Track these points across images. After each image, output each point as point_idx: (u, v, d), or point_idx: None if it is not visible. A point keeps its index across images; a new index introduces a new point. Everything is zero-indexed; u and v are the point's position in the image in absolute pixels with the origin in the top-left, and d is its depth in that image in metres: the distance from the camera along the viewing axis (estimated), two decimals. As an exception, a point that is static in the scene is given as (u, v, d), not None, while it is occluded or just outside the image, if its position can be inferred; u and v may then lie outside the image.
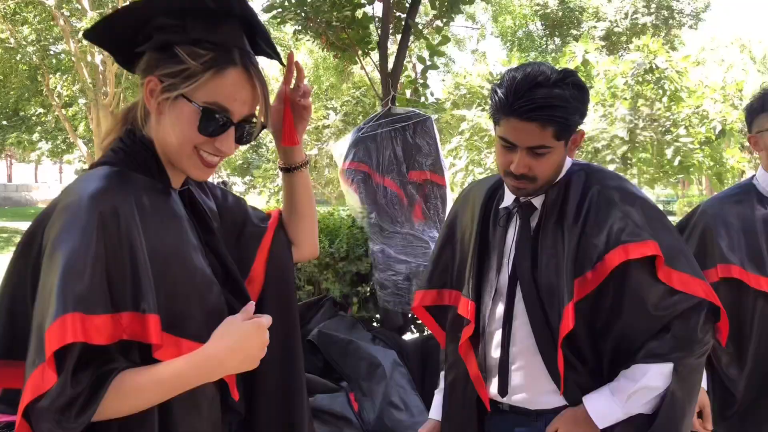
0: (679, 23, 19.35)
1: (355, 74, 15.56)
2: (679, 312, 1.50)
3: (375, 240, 3.85)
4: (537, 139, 1.50)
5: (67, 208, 1.05)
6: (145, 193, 1.13)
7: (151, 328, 1.05)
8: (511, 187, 1.60)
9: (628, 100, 9.76)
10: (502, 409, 1.67)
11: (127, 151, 1.17)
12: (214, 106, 1.14)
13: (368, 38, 4.47)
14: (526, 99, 1.46)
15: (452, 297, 1.79)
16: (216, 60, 1.14)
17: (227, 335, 1.12)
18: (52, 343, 0.95)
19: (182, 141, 1.15)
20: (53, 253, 1.01)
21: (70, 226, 1.02)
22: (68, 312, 0.96)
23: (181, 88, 1.13)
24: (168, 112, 1.15)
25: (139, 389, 1.04)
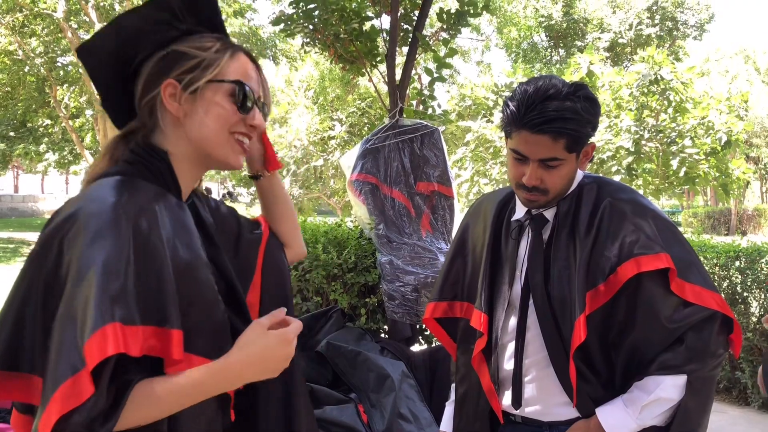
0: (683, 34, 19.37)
1: (361, 86, 15.62)
2: (692, 324, 1.51)
3: (383, 251, 3.86)
4: (549, 151, 1.51)
5: (93, 216, 1.02)
6: (164, 205, 1.13)
7: (175, 343, 1.03)
8: (522, 199, 1.61)
9: (633, 111, 9.77)
10: (515, 420, 1.67)
11: (142, 162, 1.16)
12: (241, 82, 1.18)
13: (376, 50, 4.50)
14: (537, 112, 1.48)
15: (463, 309, 1.80)
16: (225, 46, 1.19)
17: (250, 345, 1.12)
18: (94, 355, 0.92)
19: (220, 125, 1.18)
20: (85, 263, 0.98)
21: (101, 236, 1.00)
22: (109, 322, 0.95)
23: (207, 75, 1.16)
24: (197, 107, 1.16)
25: (158, 398, 1.03)
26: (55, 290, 1.00)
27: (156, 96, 1.17)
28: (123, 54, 1.18)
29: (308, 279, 3.97)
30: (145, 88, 1.18)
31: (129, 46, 1.18)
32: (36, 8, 16.26)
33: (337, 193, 16.07)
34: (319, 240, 4.07)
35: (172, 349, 1.03)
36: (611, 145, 9.61)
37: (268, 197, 1.49)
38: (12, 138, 20.78)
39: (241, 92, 1.18)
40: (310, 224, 4.51)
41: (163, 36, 1.18)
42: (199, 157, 1.20)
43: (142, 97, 1.18)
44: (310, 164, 15.17)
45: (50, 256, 1.03)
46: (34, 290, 1.03)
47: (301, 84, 17.46)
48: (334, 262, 3.93)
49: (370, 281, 3.89)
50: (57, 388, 0.93)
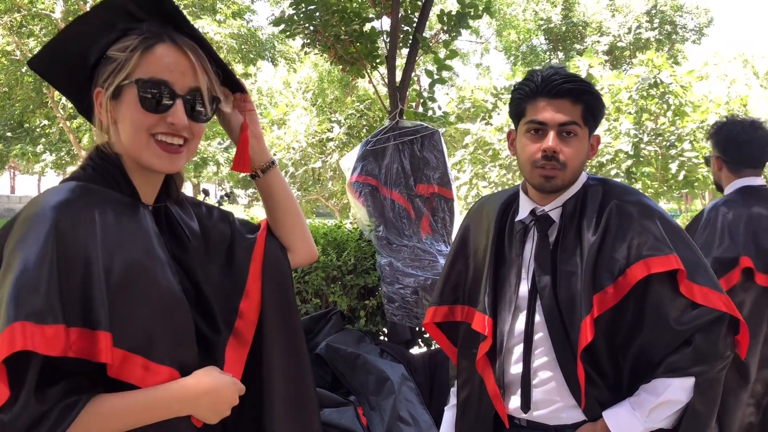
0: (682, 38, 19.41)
1: (360, 87, 15.62)
2: (700, 326, 1.50)
3: (382, 253, 3.85)
4: (568, 114, 1.54)
5: (27, 219, 1.04)
6: (111, 207, 1.11)
7: (101, 345, 1.01)
8: (538, 178, 1.59)
9: (633, 115, 9.77)
10: (520, 424, 1.66)
11: (95, 167, 1.16)
12: (149, 80, 1.13)
13: (376, 52, 4.49)
14: (554, 78, 1.54)
15: (464, 313, 1.77)
16: (142, 42, 1.15)
17: (208, 376, 1.14)
18: (2, 352, 0.92)
19: (135, 129, 1.14)
20: (9, 263, 1.00)
21: (28, 237, 1.01)
22: (18, 320, 0.94)
23: (119, 78, 1.13)
24: (119, 112, 1.15)
25: (111, 414, 1.03)
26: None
27: (92, 104, 1.17)
28: (73, 61, 1.18)
29: (307, 281, 3.95)
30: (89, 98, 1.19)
31: (76, 53, 1.17)
32: (34, 9, 16.24)
33: (336, 195, 16.06)
34: (318, 242, 4.05)
35: (99, 352, 1.01)
36: (610, 148, 9.61)
37: (266, 198, 1.43)
38: (9, 138, 20.74)
39: (142, 92, 1.13)
40: (309, 226, 4.48)
41: (107, 39, 1.16)
42: (133, 162, 1.18)
43: (91, 105, 1.18)
44: (308, 166, 15.16)
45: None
46: None
47: (300, 86, 17.47)
48: (333, 263, 3.91)
49: (370, 283, 3.87)
50: None
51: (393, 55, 4.27)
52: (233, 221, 1.40)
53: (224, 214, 1.40)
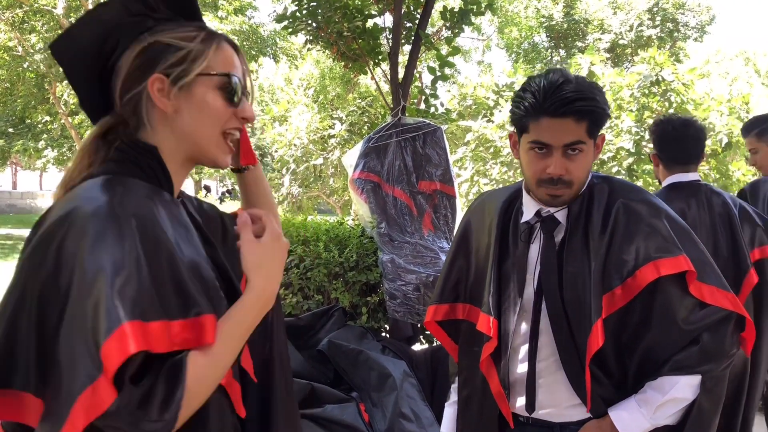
0: (684, 36, 19.39)
1: (361, 84, 15.59)
2: (708, 325, 1.50)
3: (384, 250, 3.85)
4: (573, 134, 1.50)
5: (91, 217, 0.96)
6: (159, 202, 1.08)
7: (208, 328, 1.01)
8: (545, 196, 1.57)
9: (634, 112, 9.74)
10: (524, 422, 1.66)
11: (131, 159, 1.11)
12: (229, 74, 1.14)
13: (378, 48, 4.49)
14: (557, 96, 1.47)
15: (465, 311, 1.77)
16: (209, 35, 1.14)
17: (262, 264, 1.13)
18: (114, 357, 0.88)
19: (213, 121, 1.14)
20: (92, 268, 0.93)
21: (104, 237, 0.95)
22: (126, 321, 0.90)
23: (196, 68, 1.11)
24: (187, 102, 1.12)
25: (215, 355, 1.02)
26: (53, 300, 0.94)
27: (142, 91, 1.11)
28: (99, 48, 1.12)
29: (309, 277, 3.96)
30: (127, 84, 1.12)
31: (104, 39, 1.12)
32: (36, 4, 16.22)
33: (337, 192, 16.05)
34: (320, 238, 4.06)
35: (206, 335, 1.01)
36: (612, 146, 9.59)
37: (252, 191, 1.44)
38: (11, 134, 20.74)
39: (232, 85, 1.14)
40: (312, 222, 4.50)
41: (140, 26, 1.12)
42: (188, 154, 1.16)
43: (123, 92, 1.12)
44: (309, 163, 15.14)
45: (46, 263, 0.96)
46: (28, 300, 0.96)
47: (301, 82, 17.43)
48: (335, 260, 3.92)
49: (372, 280, 3.88)
50: (74, 400, 0.88)
51: (395, 52, 4.27)
52: (220, 212, 1.40)
53: (211, 206, 1.39)
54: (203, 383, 1.00)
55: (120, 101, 1.12)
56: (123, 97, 1.12)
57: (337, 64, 4.61)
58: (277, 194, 15.52)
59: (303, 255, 4.00)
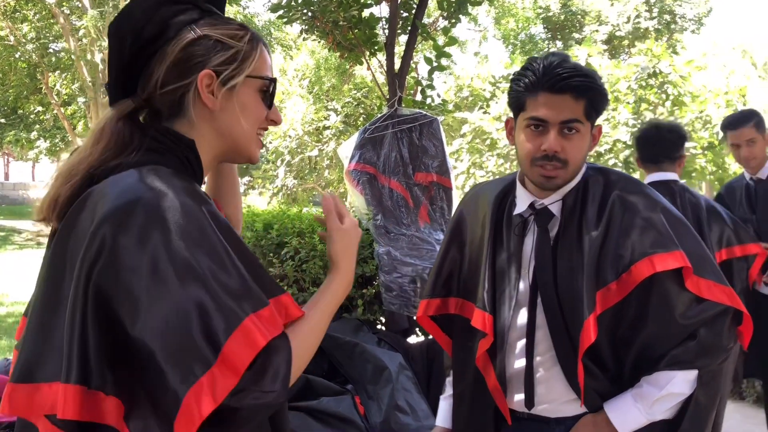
0: (681, 28, 19.37)
1: (357, 75, 15.53)
2: (705, 320, 1.48)
3: (380, 242, 3.82)
4: (570, 111, 1.47)
5: (161, 208, 0.94)
6: (203, 194, 1.08)
7: (290, 305, 1.06)
8: (538, 177, 1.53)
9: (631, 105, 9.75)
10: (521, 417, 1.63)
11: (171, 151, 1.09)
12: (269, 77, 1.17)
13: (375, 38, 4.45)
14: (557, 72, 1.46)
15: (458, 306, 1.73)
16: (253, 36, 1.16)
17: (347, 250, 1.20)
18: (243, 354, 0.91)
19: (253, 122, 1.16)
20: (180, 259, 0.92)
21: (185, 227, 0.95)
22: (245, 317, 0.93)
23: (245, 70, 1.12)
24: (232, 102, 1.13)
25: (312, 327, 1.09)
26: (120, 295, 0.92)
27: (189, 84, 1.09)
28: (143, 30, 1.10)
29: (305, 269, 3.93)
30: (172, 74, 1.09)
31: (151, 21, 1.10)
32: (28, -7, 16.10)
33: (332, 184, 16.02)
34: (316, 230, 4.02)
35: (291, 311, 1.06)
36: (609, 138, 9.59)
37: (225, 180, 1.44)
38: (3, 125, 20.61)
39: (271, 89, 1.17)
40: (307, 214, 4.46)
41: (188, 16, 1.12)
42: (222, 150, 1.17)
43: (166, 82, 1.09)
44: (304, 154, 15.11)
45: (102, 255, 0.93)
46: (80, 295, 0.93)
47: (296, 73, 17.36)
48: (331, 252, 3.88)
49: (368, 272, 3.85)
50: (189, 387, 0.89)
51: (392, 42, 4.23)
52: None
53: None
54: (304, 354, 1.06)
55: (159, 89, 1.10)
56: (164, 86, 1.10)
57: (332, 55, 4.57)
58: (272, 186, 15.48)
59: (298, 247, 3.97)
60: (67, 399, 0.92)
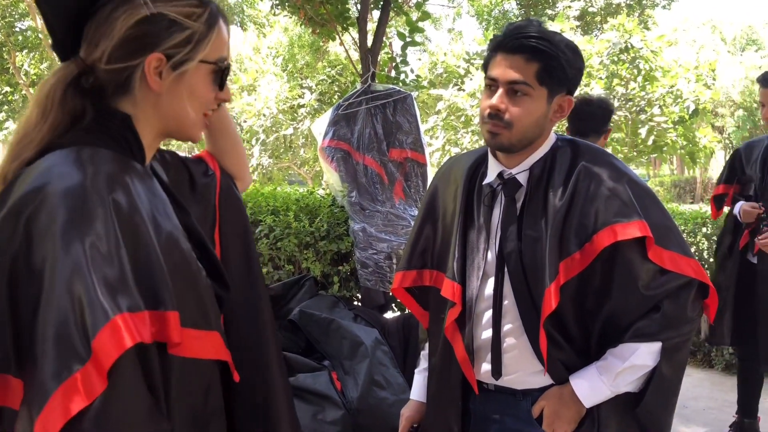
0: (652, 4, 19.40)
1: (331, 53, 15.38)
2: (668, 291, 1.49)
3: (355, 219, 3.83)
4: (518, 72, 1.47)
5: (65, 196, 0.91)
6: (134, 174, 1.03)
7: (172, 326, 0.96)
8: (486, 134, 1.54)
9: (604, 80, 9.78)
10: (488, 389, 1.65)
11: (104, 129, 1.05)
12: (221, 60, 1.11)
13: (347, 13, 4.40)
14: (516, 34, 1.48)
15: (433, 277, 1.74)
16: (211, 14, 1.09)
17: None
18: (110, 351, 0.85)
19: (200, 106, 1.11)
20: (70, 249, 0.88)
21: (81, 217, 0.90)
22: (117, 314, 0.87)
23: (199, 54, 1.07)
24: (180, 86, 1.08)
25: None
26: (28, 279, 0.89)
27: (137, 66, 1.04)
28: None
29: (280, 247, 3.92)
30: (119, 51, 1.03)
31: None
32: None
33: (308, 163, 15.92)
34: (290, 208, 4.01)
35: (171, 332, 0.96)
36: (581, 113, 9.63)
37: (216, 131, 1.39)
38: (-31, 106, 20.11)
39: (224, 72, 1.11)
40: (281, 192, 4.45)
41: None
42: (165, 129, 1.12)
43: (112, 58, 1.03)
44: (279, 133, 14.97)
45: (14, 239, 0.90)
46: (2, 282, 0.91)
47: (270, 51, 17.13)
48: (306, 230, 3.88)
49: (343, 249, 3.86)
50: (55, 389, 0.84)
51: (364, 17, 4.19)
52: (184, 160, 1.34)
53: (173, 154, 1.32)
54: None
55: (104, 64, 1.04)
56: (109, 62, 1.04)
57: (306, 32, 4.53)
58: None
59: (273, 225, 3.95)
60: None
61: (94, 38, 1.04)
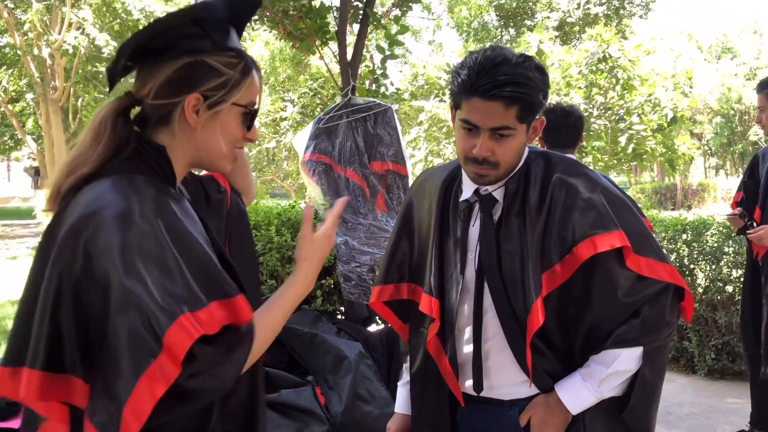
0: (629, 13, 19.68)
1: (312, 66, 15.42)
2: (647, 297, 1.51)
3: (338, 232, 3.82)
4: (500, 119, 1.46)
5: (118, 217, 1.07)
6: (169, 198, 1.19)
7: (242, 309, 1.14)
8: (471, 174, 1.56)
9: (583, 89, 9.89)
10: (475, 400, 1.65)
11: (142, 158, 1.21)
12: (252, 104, 1.28)
13: (326, 28, 4.42)
14: (489, 77, 1.43)
15: (410, 291, 1.75)
16: (246, 66, 1.26)
17: (310, 256, 1.32)
18: (183, 343, 1.02)
19: (230, 143, 1.27)
20: (130, 263, 1.04)
21: (134, 234, 1.06)
22: (181, 314, 1.03)
23: (232, 98, 1.23)
24: (214, 124, 1.24)
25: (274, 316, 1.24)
26: (93, 292, 1.05)
27: (178, 103, 1.20)
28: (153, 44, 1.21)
29: (262, 262, 3.90)
30: (165, 89, 1.21)
31: (162, 37, 1.20)
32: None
33: (291, 176, 15.91)
34: (272, 222, 4.00)
35: (241, 314, 1.14)
36: (562, 122, 9.71)
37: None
38: (-53, 123, 19.86)
39: (253, 116, 1.28)
40: (263, 206, 4.43)
41: (197, 44, 1.21)
42: (197, 160, 1.28)
43: (158, 95, 1.21)
44: (262, 146, 14.96)
45: (76, 258, 1.06)
46: (64, 292, 1.07)
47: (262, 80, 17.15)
48: (288, 244, 3.87)
49: (326, 263, 3.85)
50: (140, 376, 1.01)
51: (343, 31, 4.21)
52: (197, 176, 1.52)
53: (189, 173, 1.48)
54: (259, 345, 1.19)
55: (150, 99, 1.22)
56: (155, 98, 1.21)
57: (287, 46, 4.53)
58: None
59: (255, 240, 3.94)
60: (30, 382, 1.07)
61: (145, 77, 1.23)
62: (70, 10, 14.62)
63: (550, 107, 3.05)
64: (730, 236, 4.76)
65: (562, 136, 3.09)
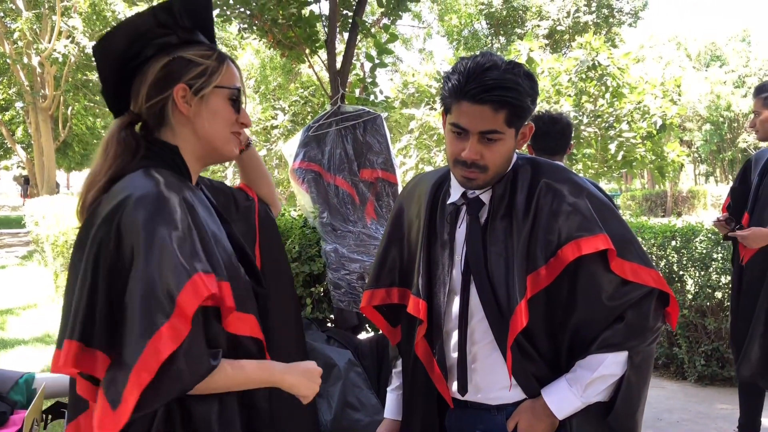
0: (619, 21, 19.86)
1: (303, 74, 15.44)
2: (631, 302, 1.52)
3: (327, 240, 3.81)
4: (489, 123, 1.49)
5: (143, 199, 1.21)
6: (187, 188, 1.33)
7: (226, 293, 1.25)
8: (460, 177, 1.58)
9: (572, 97, 9.95)
10: (463, 405, 1.66)
11: (159, 156, 1.36)
12: (236, 87, 1.42)
13: (315, 36, 4.43)
14: (478, 81, 1.46)
15: (400, 295, 1.77)
16: (220, 55, 1.41)
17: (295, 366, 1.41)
18: (191, 301, 1.13)
19: (225, 125, 1.41)
20: (150, 236, 1.17)
21: (158, 211, 1.20)
22: (195, 273, 1.16)
23: (213, 81, 1.37)
24: (204, 109, 1.37)
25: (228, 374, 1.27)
26: (121, 271, 1.18)
27: (167, 97, 1.35)
28: (127, 52, 1.36)
29: (252, 270, 3.89)
30: (153, 90, 1.35)
31: (132, 44, 1.35)
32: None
33: (282, 184, 15.90)
34: (261, 230, 3.99)
35: (225, 298, 1.25)
36: (552, 130, 9.76)
37: (250, 167, 1.81)
38: (-64, 132, 19.73)
39: (236, 99, 1.41)
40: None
41: (166, 41, 1.37)
42: (204, 151, 1.41)
43: (149, 97, 1.36)
44: (253, 155, 14.89)
45: (110, 242, 1.20)
46: (101, 274, 1.20)
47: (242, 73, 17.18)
48: (277, 252, 3.86)
49: (315, 270, 3.84)
50: (152, 334, 1.11)
51: (332, 39, 4.22)
52: (227, 187, 1.71)
53: (219, 183, 1.68)
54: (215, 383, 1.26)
55: (144, 103, 1.36)
56: (148, 101, 1.36)
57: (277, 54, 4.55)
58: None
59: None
60: (68, 352, 1.19)
61: (137, 89, 1.38)
62: (60, 18, 14.60)
63: (537, 114, 3.08)
64: (719, 243, 4.79)
65: (550, 143, 3.12)
